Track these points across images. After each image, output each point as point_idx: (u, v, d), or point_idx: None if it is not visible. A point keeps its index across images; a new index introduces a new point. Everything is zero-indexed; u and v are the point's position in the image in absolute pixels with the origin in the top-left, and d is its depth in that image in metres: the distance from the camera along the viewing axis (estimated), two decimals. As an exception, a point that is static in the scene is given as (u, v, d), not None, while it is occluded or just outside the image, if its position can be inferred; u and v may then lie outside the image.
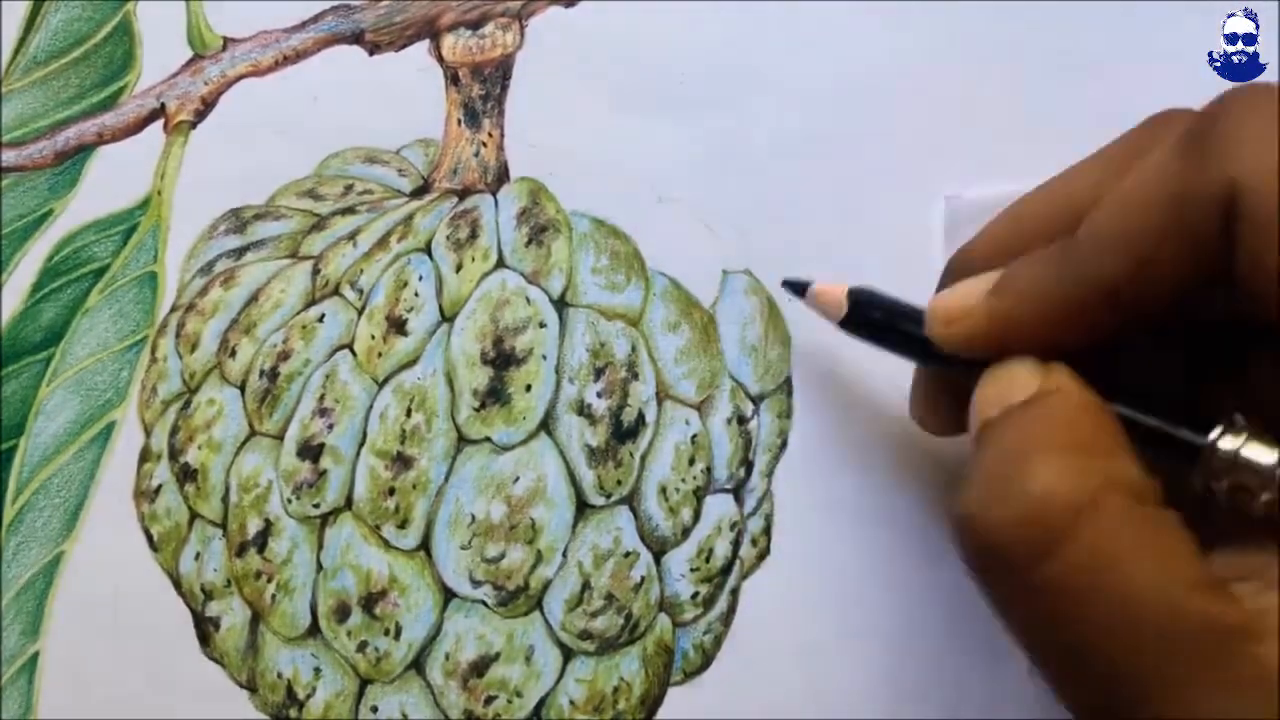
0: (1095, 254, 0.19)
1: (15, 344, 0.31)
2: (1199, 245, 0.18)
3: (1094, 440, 0.19)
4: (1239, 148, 0.18)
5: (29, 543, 0.30)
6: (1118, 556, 0.17)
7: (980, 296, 0.21)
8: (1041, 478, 0.18)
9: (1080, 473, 0.18)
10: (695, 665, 0.28)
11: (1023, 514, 0.18)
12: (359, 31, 0.32)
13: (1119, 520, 0.17)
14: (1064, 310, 0.20)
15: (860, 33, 0.30)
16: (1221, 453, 0.18)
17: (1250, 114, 0.18)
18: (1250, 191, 0.17)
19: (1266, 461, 0.18)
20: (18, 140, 0.33)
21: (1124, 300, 0.19)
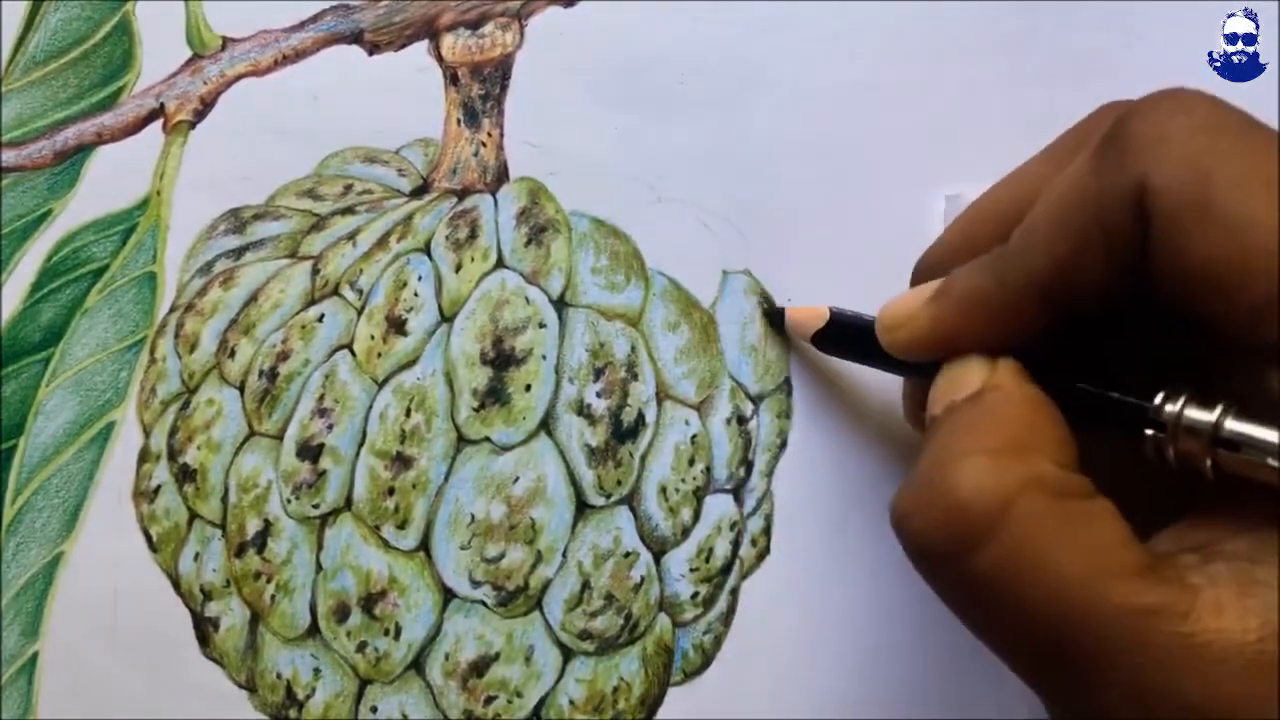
0: (1022, 255, 0.20)
1: (14, 344, 0.31)
2: (1117, 244, 0.19)
3: (1020, 438, 0.20)
4: (1148, 148, 0.19)
5: (28, 543, 0.30)
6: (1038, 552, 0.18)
7: (922, 303, 0.22)
8: (963, 479, 0.19)
9: (998, 473, 0.19)
10: (695, 665, 0.28)
11: (945, 515, 0.19)
12: (358, 31, 0.32)
13: (1037, 518, 0.18)
14: (999, 312, 0.21)
15: (860, 32, 0.30)
16: (1165, 416, 0.19)
17: (1159, 115, 0.19)
18: (1159, 192, 0.18)
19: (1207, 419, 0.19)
20: (17, 140, 0.33)
21: (1053, 299, 0.20)
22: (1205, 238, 0.18)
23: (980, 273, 0.21)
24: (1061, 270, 0.20)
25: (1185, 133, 0.19)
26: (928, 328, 0.22)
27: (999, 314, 0.21)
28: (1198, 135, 0.18)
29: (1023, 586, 0.18)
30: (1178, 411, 0.19)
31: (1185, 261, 0.18)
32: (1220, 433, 0.19)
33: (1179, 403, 0.19)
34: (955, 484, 0.19)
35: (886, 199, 0.29)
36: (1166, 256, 0.18)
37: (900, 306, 0.23)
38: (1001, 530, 0.18)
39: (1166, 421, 0.19)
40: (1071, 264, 0.20)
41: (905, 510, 0.20)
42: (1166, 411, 0.19)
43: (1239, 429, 0.19)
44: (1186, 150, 0.18)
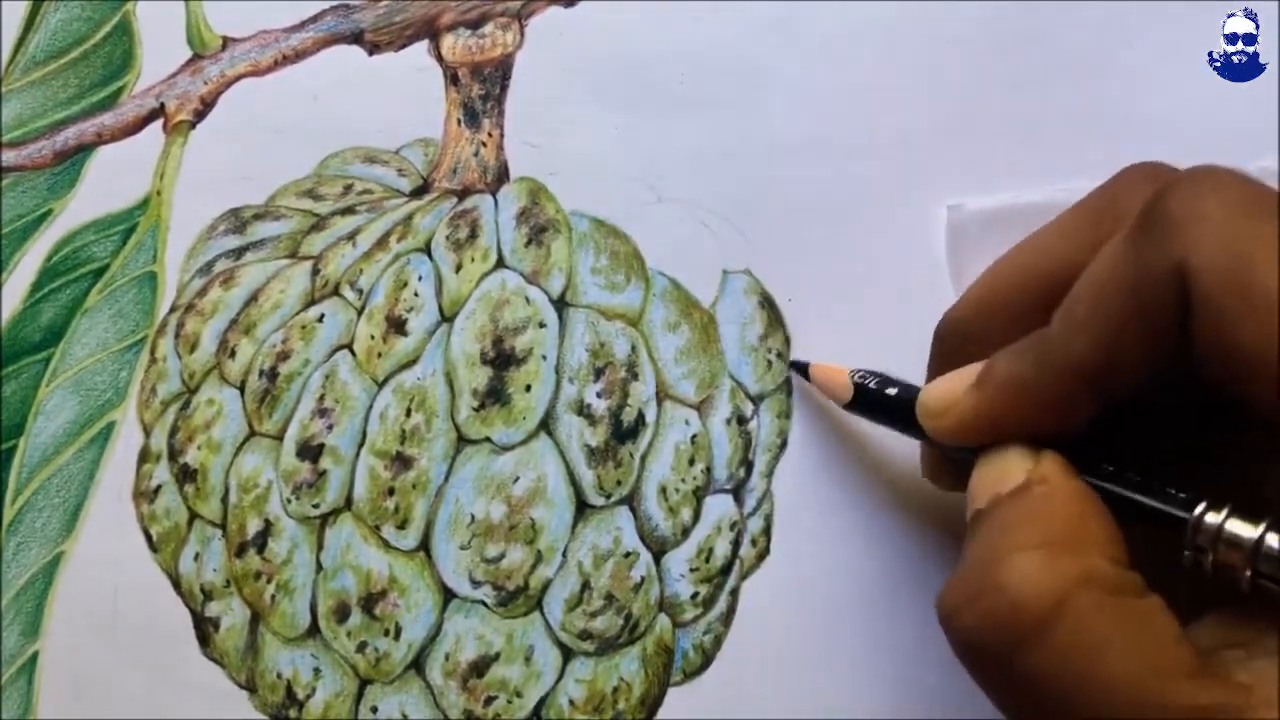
0: (1065, 343, 0.20)
1: (15, 344, 0.31)
2: (1159, 329, 0.19)
3: (1072, 533, 0.19)
4: (1187, 231, 0.18)
5: (29, 543, 0.30)
6: (1092, 652, 0.18)
7: (964, 390, 0.22)
8: (1014, 577, 0.19)
9: (1053, 570, 0.18)
10: (695, 665, 0.28)
11: (996, 613, 0.19)
12: (359, 31, 0.32)
13: (1091, 616, 0.18)
14: (1043, 399, 0.21)
15: (860, 32, 0.30)
16: (1205, 527, 0.19)
17: (1196, 196, 0.19)
18: (1199, 274, 0.18)
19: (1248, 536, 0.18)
20: (17, 140, 0.33)
21: (1098, 385, 0.20)
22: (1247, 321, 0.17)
23: (1022, 359, 0.21)
24: (1104, 355, 0.19)
25: (1223, 213, 0.18)
26: (971, 416, 0.22)
27: (1042, 401, 0.21)
28: (1236, 216, 0.18)
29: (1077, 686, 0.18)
30: (1218, 525, 0.19)
31: (1227, 345, 0.18)
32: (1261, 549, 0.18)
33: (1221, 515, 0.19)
34: (1007, 580, 0.19)
35: (887, 198, 0.29)
36: (1208, 340, 0.18)
37: (942, 392, 0.23)
38: (1056, 628, 0.18)
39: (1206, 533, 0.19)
40: (1114, 348, 0.19)
41: (954, 606, 0.19)
42: (1206, 523, 0.19)
43: None
44: (1226, 232, 0.18)
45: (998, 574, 0.19)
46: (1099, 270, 0.20)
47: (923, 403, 0.23)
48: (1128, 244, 0.19)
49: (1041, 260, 0.23)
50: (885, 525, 0.28)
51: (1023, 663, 0.18)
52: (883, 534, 0.28)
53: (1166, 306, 0.18)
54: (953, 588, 0.20)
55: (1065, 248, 0.22)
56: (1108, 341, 0.19)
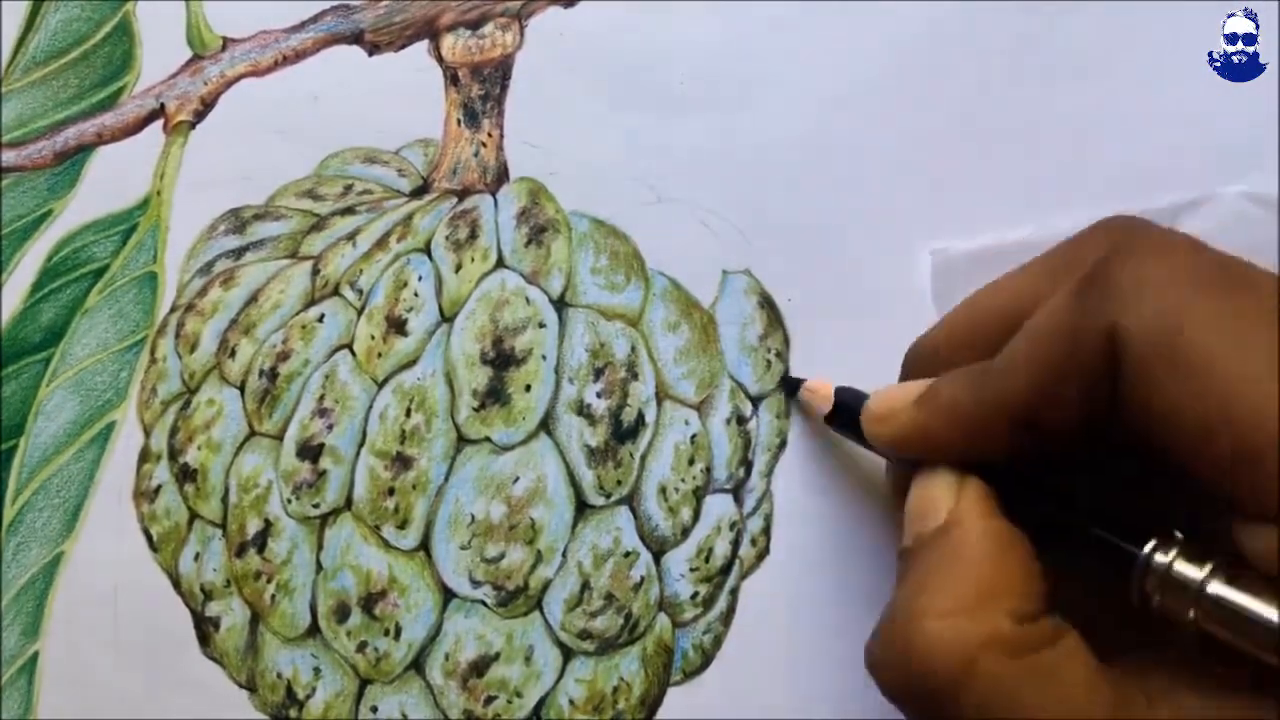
0: (1002, 380, 0.21)
1: (15, 344, 0.31)
2: (1090, 381, 0.20)
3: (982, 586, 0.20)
4: (1123, 295, 0.19)
5: (29, 543, 0.30)
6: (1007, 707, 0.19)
7: (907, 403, 0.23)
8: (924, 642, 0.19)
9: (958, 633, 0.19)
10: (695, 665, 0.28)
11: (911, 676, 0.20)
12: (358, 31, 0.32)
13: (998, 677, 0.19)
14: (975, 426, 0.22)
15: (860, 33, 0.30)
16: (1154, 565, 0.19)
17: (1140, 262, 0.20)
18: (1130, 337, 0.19)
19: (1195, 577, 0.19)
20: (17, 140, 0.33)
21: (1028, 422, 0.21)
22: (1175, 388, 0.18)
23: (961, 386, 0.22)
24: (1035, 399, 0.20)
25: (1163, 280, 0.19)
26: (909, 429, 0.23)
27: (976, 428, 0.22)
28: (1175, 284, 0.19)
29: None
30: (1167, 563, 0.19)
31: (1156, 408, 0.18)
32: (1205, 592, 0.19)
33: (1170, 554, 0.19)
34: (917, 646, 0.19)
35: (887, 198, 0.29)
36: (1136, 401, 0.19)
37: (887, 401, 0.24)
38: (965, 691, 0.19)
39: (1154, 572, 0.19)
40: (1045, 392, 0.20)
41: (875, 663, 0.21)
42: (1156, 561, 0.19)
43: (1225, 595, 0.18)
44: (1162, 299, 0.19)
45: (910, 638, 0.20)
46: (1042, 318, 0.21)
47: (868, 407, 0.24)
48: (1071, 298, 0.20)
49: (1005, 300, 0.23)
50: (884, 525, 0.28)
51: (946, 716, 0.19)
52: (882, 533, 0.28)
53: (1099, 362, 0.19)
54: (876, 643, 0.21)
55: (1027, 291, 0.23)
56: (1040, 385, 0.20)
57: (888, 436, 0.24)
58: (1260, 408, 0.17)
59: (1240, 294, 0.19)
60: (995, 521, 0.21)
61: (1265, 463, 0.17)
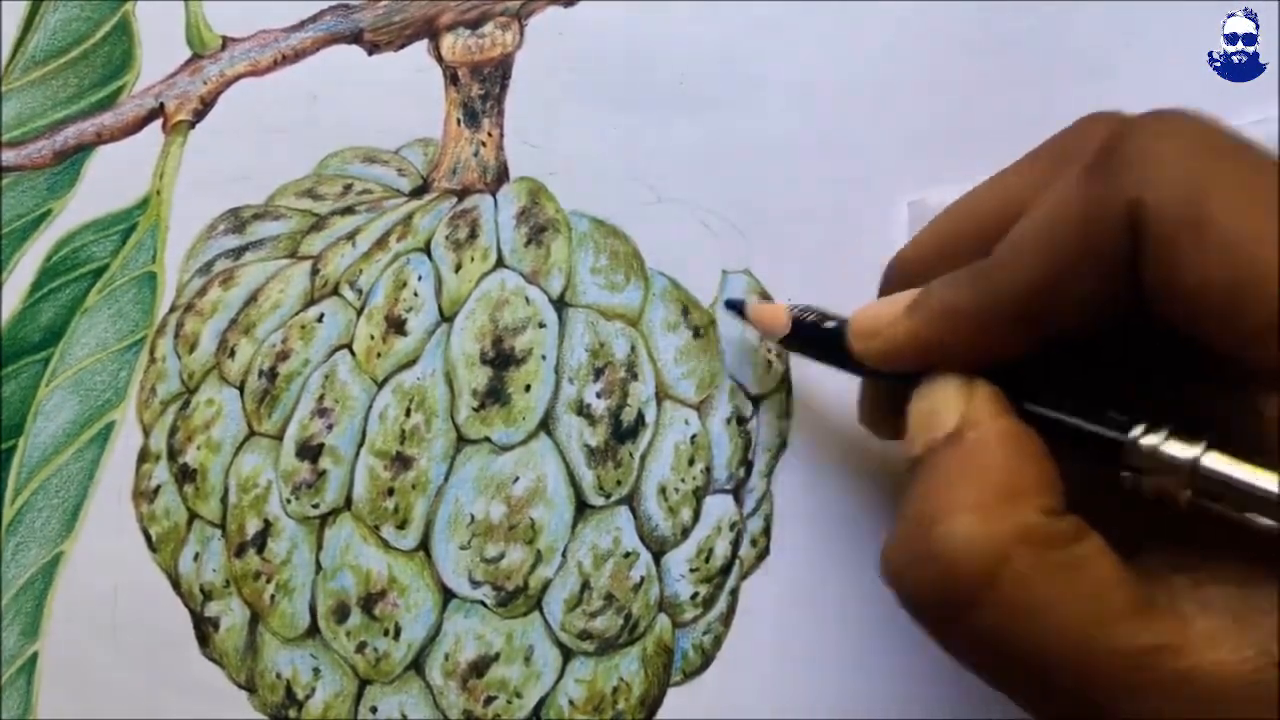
0: (1005, 274, 0.20)
1: (14, 344, 0.31)
2: (1107, 264, 0.19)
3: (1005, 486, 0.19)
4: (1142, 170, 0.18)
5: (28, 543, 0.30)
6: (1031, 606, 0.18)
7: (898, 313, 0.22)
8: (950, 542, 0.19)
9: (987, 531, 0.19)
10: (695, 665, 0.28)
11: (935, 578, 0.19)
12: (358, 31, 0.32)
13: (1028, 573, 0.18)
14: (979, 328, 0.21)
15: (860, 32, 0.30)
16: (1143, 448, 0.19)
17: (1153, 137, 0.19)
18: (1153, 212, 0.18)
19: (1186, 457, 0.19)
20: (17, 140, 0.33)
21: (1036, 318, 0.20)
22: (1202, 259, 0.18)
23: (960, 287, 0.21)
24: (1047, 288, 0.19)
25: (1181, 153, 0.18)
26: (903, 339, 0.22)
27: (978, 331, 0.21)
28: (1193, 156, 0.18)
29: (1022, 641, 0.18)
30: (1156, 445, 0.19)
31: (1181, 283, 0.18)
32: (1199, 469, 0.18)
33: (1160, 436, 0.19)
34: (944, 545, 0.19)
35: (888, 199, 0.29)
36: (1161, 277, 0.18)
37: (875, 315, 0.23)
38: (996, 589, 0.18)
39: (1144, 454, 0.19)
40: (1057, 282, 0.19)
41: (897, 570, 0.20)
42: (1144, 444, 0.19)
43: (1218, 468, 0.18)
44: (1182, 171, 0.18)
45: (934, 538, 0.19)
46: (1049, 205, 0.20)
47: (853, 323, 0.23)
48: (1082, 180, 0.19)
49: (994, 201, 0.22)
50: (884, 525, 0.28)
51: (969, 622, 0.18)
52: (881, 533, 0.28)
53: (1117, 243, 0.18)
54: (894, 549, 0.20)
55: (1018, 188, 0.22)
56: (1052, 275, 0.19)
57: (879, 350, 0.22)
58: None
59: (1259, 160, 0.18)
60: (1010, 421, 0.20)
61: None
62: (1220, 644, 0.17)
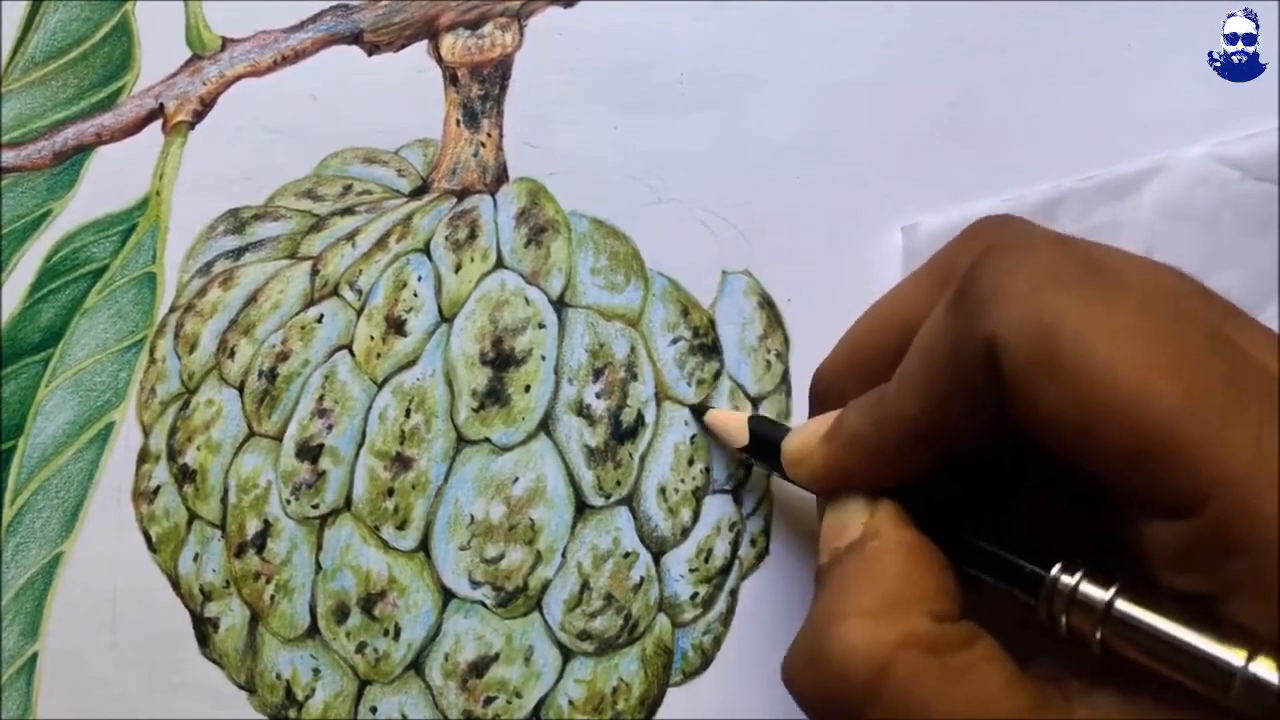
0: (896, 401, 0.21)
1: (14, 344, 0.31)
2: (978, 395, 0.19)
3: (897, 592, 0.20)
4: (993, 304, 0.19)
5: (28, 543, 0.30)
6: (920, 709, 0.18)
7: (818, 440, 0.23)
8: (839, 646, 0.19)
9: (874, 636, 0.19)
10: (695, 666, 0.28)
11: (826, 681, 0.19)
12: (358, 31, 0.32)
13: (913, 677, 0.19)
14: (880, 454, 0.22)
15: (860, 33, 0.30)
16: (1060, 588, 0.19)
17: (1002, 270, 0.19)
18: (1006, 349, 0.19)
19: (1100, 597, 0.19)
20: (16, 140, 0.33)
21: (929, 442, 0.21)
22: (1055, 394, 0.18)
23: (860, 414, 0.22)
24: (931, 416, 0.20)
25: (1028, 287, 0.19)
26: (821, 467, 0.23)
27: (880, 456, 0.22)
28: (1040, 290, 0.19)
29: None
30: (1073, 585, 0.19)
31: (1038, 415, 0.18)
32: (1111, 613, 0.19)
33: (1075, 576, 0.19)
34: (832, 651, 0.19)
35: (887, 199, 0.29)
36: (1020, 410, 0.19)
37: (799, 442, 0.24)
38: (882, 694, 0.19)
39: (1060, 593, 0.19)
40: (938, 410, 0.20)
41: (791, 675, 0.20)
42: (1061, 583, 0.19)
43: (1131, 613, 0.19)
44: (1030, 306, 0.19)
45: (825, 644, 0.19)
46: (924, 339, 0.21)
47: (784, 451, 0.24)
48: (945, 315, 0.20)
49: (894, 316, 0.23)
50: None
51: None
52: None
53: (981, 377, 0.19)
54: (791, 656, 0.21)
55: (913, 303, 0.23)
56: (933, 404, 0.20)
57: (806, 476, 0.24)
58: (1139, 398, 0.17)
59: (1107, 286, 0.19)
60: (909, 532, 0.21)
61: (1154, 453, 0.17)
62: None
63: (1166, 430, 0.17)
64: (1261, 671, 0.17)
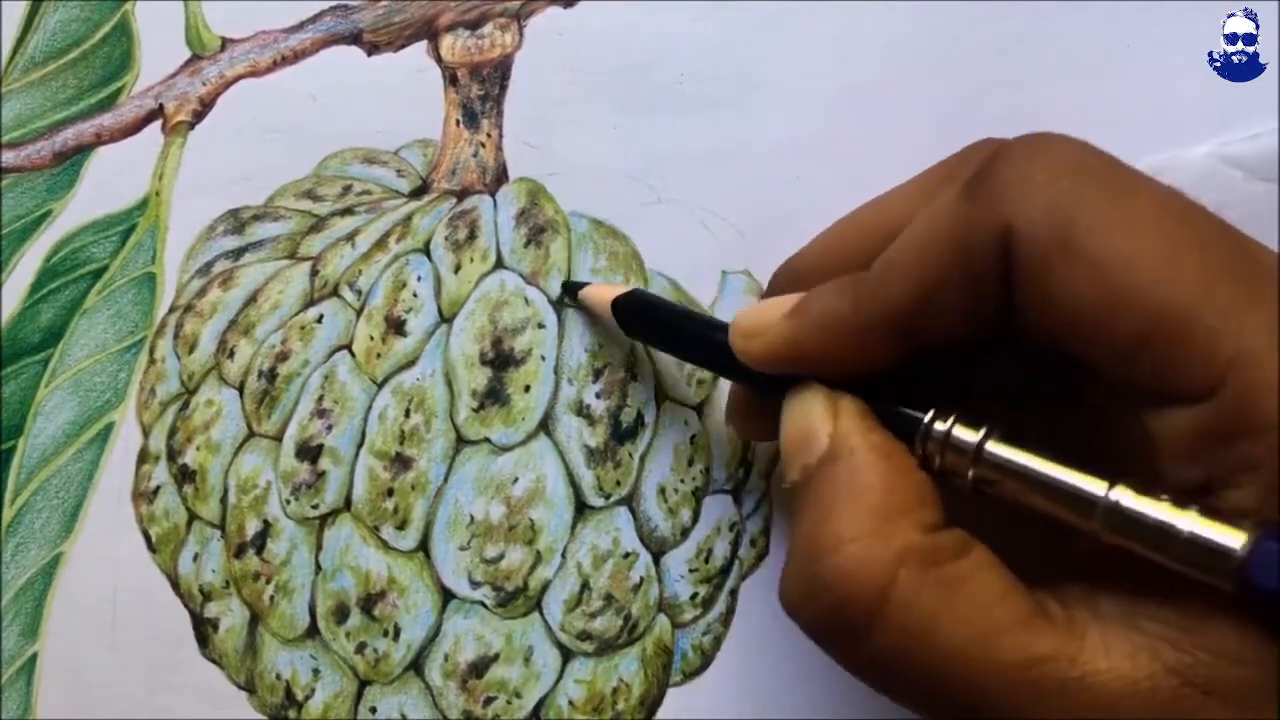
0: (881, 287, 0.21)
1: (14, 345, 0.31)
2: (979, 282, 0.19)
3: (883, 505, 0.20)
4: (1013, 193, 0.19)
5: (28, 543, 0.30)
6: (923, 625, 0.18)
7: (779, 316, 0.22)
8: (838, 572, 0.19)
9: (869, 558, 0.19)
10: (694, 666, 0.28)
11: (830, 605, 0.19)
12: (357, 32, 0.32)
13: (914, 592, 0.19)
14: (852, 337, 0.21)
15: (860, 33, 0.30)
16: (934, 433, 0.20)
17: (1025, 160, 0.19)
18: (1023, 235, 0.19)
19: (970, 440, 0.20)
20: (16, 141, 0.33)
21: (909, 330, 0.20)
22: (1071, 280, 0.18)
23: (837, 296, 0.21)
24: (918, 304, 0.20)
25: (1049, 176, 0.19)
26: (782, 342, 0.22)
27: (853, 339, 0.21)
28: (1061, 178, 0.19)
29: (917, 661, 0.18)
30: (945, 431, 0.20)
31: (1051, 302, 0.18)
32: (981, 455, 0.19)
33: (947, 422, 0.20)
34: (833, 578, 0.19)
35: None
36: (1032, 297, 0.19)
37: (757, 316, 0.23)
38: (886, 614, 0.19)
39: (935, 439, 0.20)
40: (930, 297, 0.20)
41: (794, 605, 0.20)
42: (935, 430, 0.20)
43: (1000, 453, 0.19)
44: (1050, 194, 0.19)
45: (823, 571, 0.19)
46: (925, 223, 0.20)
47: (736, 323, 0.23)
48: (957, 201, 0.20)
49: (879, 218, 0.23)
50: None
51: (866, 648, 0.19)
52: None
53: (990, 264, 0.19)
54: (787, 582, 0.20)
55: (903, 204, 0.23)
56: (924, 291, 0.20)
57: (758, 352, 0.23)
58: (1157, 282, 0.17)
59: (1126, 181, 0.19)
60: (878, 437, 0.21)
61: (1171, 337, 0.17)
62: (1113, 651, 0.17)
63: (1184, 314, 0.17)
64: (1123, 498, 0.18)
